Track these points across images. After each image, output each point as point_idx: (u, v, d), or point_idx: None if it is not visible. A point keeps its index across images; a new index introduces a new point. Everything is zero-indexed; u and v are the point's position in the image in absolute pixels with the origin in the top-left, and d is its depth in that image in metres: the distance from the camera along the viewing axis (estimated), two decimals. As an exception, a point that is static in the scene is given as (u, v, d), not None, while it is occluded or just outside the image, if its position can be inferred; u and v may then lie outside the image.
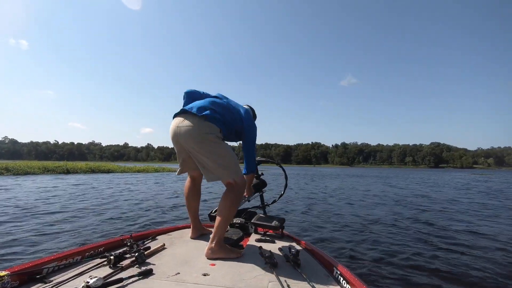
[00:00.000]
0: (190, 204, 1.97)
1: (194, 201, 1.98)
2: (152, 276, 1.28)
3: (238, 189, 1.69)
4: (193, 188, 1.97)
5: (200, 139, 1.60)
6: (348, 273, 1.29)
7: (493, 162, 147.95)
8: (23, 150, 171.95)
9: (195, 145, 1.61)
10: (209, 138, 1.61)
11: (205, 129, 1.60)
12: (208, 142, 1.61)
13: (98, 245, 1.55)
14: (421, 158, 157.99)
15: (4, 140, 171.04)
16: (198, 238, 1.96)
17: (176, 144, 1.74)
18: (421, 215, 5.92)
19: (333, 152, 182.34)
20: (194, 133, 1.59)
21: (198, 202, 2.01)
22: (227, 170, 1.66)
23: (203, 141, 1.60)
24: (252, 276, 1.33)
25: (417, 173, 42.01)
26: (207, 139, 1.60)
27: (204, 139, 1.60)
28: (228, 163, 1.66)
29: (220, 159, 1.64)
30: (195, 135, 1.59)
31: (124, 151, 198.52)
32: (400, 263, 2.99)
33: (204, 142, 1.60)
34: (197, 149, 1.62)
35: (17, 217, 4.62)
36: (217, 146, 1.64)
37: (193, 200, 1.98)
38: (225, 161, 1.65)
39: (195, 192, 1.98)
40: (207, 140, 1.61)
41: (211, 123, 1.62)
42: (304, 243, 1.87)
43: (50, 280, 1.17)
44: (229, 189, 1.70)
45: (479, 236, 4.19)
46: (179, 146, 1.73)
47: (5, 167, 17.08)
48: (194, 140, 1.60)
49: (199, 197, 2.01)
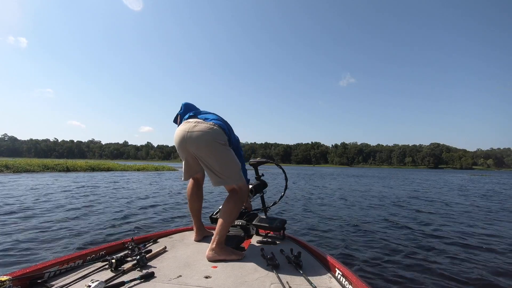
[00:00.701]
0: (193, 206, 1.98)
1: (197, 203, 1.99)
2: (154, 279, 1.27)
3: (241, 194, 1.75)
4: (196, 190, 1.98)
5: (212, 144, 1.65)
6: (350, 274, 1.29)
7: (493, 163, 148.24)
8: (23, 147, 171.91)
9: (206, 149, 1.66)
10: (220, 144, 1.67)
11: (217, 135, 1.66)
12: (219, 148, 1.67)
13: (99, 249, 1.55)
14: (420, 159, 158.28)
15: (4, 137, 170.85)
16: (200, 240, 1.95)
17: (182, 149, 1.75)
18: (421, 216, 5.93)
19: (332, 152, 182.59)
20: (207, 138, 1.64)
21: (201, 204, 2.02)
22: (233, 176, 1.72)
23: (215, 146, 1.66)
24: (254, 277, 1.33)
25: (417, 174, 42.05)
26: (219, 144, 1.66)
27: (216, 144, 1.66)
28: (234, 169, 1.72)
29: (227, 164, 1.70)
30: (208, 140, 1.64)
31: (123, 150, 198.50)
32: (402, 264, 3.01)
33: (215, 147, 1.66)
34: (208, 154, 1.67)
35: (18, 217, 4.62)
36: (226, 152, 1.71)
37: (196, 202, 1.98)
38: (232, 167, 1.72)
39: (198, 194, 1.99)
40: (219, 146, 1.67)
41: (223, 132, 1.70)
42: (305, 244, 1.87)
43: (52, 285, 1.17)
44: (232, 194, 1.75)
45: (480, 237, 4.19)
46: (186, 151, 1.75)
47: (4, 164, 17.09)
48: (206, 145, 1.65)
49: (201, 199, 2.03)
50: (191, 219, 2.01)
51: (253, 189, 2.24)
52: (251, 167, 2.43)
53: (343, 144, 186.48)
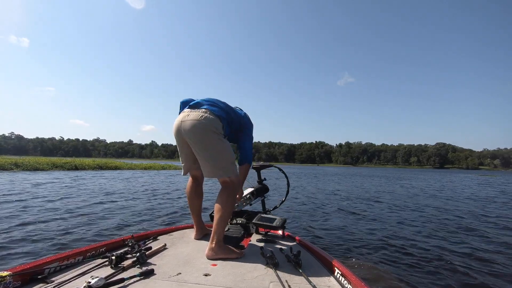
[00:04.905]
0: (193, 204, 1.96)
1: (197, 201, 1.97)
2: (154, 276, 1.28)
3: (233, 187, 1.71)
4: (196, 188, 1.96)
5: (205, 133, 1.61)
6: (349, 273, 1.29)
7: (500, 163, 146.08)
8: (29, 146, 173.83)
9: (199, 138, 1.63)
10: (213, 133, 1.63)
11: (210, 124, 1.62)
12: (212, 137, 1.63)
13: (100, 246, 1.56)
14: (426, 159, 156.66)
15: (11, 135, 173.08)
16: (200, 238, 1.96)
17: (179, 139, 1.74)
18: (424, 216, 5.87)
19: (337, 151, 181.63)
20: (199, 127, 1.61)
21: (201, 202, 2.00)
22: (226, 168, 1.68)
23: (207, 135, 1.62)
24: (254, 276, 1.34)
25: (425, 174, 41.60)
26: (211, 133, 1.63)
27: (208, 133, 1.62)
28: (227, 160, 1.68)
29: (220, 155, 1.66)
30: (200, 128, 1.61)
31: (128, 148, 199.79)
32: (402, 264, 2.99)
33: (208, 136, 1.62)
34: (199, 142, 1.64)
35: (20, 212, 4.68)
36: (220, 142, 1.67)
37: (196, 200, 1.96)
38: (225, 158, 1.67)
39: (197, 192, 1.97)
40: (211, 135, 1.63)
41: (217, 118, 1.65)
42: (305, 243, 1.87)
43: (52, 281, 1.18)
44: (224, 187, 1.71)
45: (484, 239, 4.15)
46: (182, 141, 1.74)
47: (14, 162, 17.38)
48: (198, 133, 1.62)
49: (201, 197, 2.01)
50: (192, 217, 2.00)
51: (255, 192, 2.24)
52: (254, 170, 2.44)
53: (347, 143, 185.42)
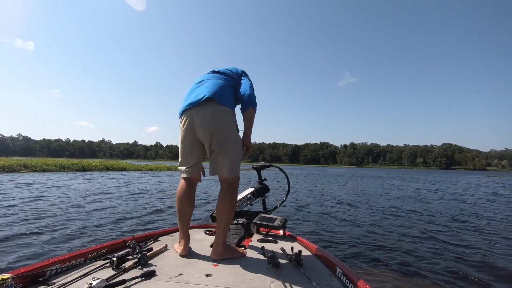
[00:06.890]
0: (183, 212, 1.66)
1: (189, 209, 1.68)
2: (155, 277, 1.28)
3: (233, 187, 1.63)
4: (189, 192, 1.67)
5: (229, 121, 1.59)
6: (351, 273, 1.29)
7: (508, 164, 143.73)
8: (36, 147, 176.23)
9: (225, 126, 1.57)
10: (235, 124, 1.63)
11: (228, 116, 1.59)
12: (235, 128, 1.63)
13: (101, 247, 1.56)
14: (432, 159, 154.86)
15: (18, 137, 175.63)
16: (200, 238, 1.95)
17: (191, 134, 1.60)
18: (427, 216, 5.79)
19: (341, 152, 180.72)
20: (223, 113, 1.57)
21: (192, 211, 1.72)
22: (237, 166, 1.62)
23: (232, 124, 1.60)
24: (255, 276, 1.34)
25: (434, 175, 41.21)
26: (235, 124, 1.63)
27: (232, 123, 1.61)
28: (240, 157, 1.63)
29: (239, 150, 1.63)
30: (225, 115, 1.57)
31: (133, 149, 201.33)
32: (403, 264, 2.97)
33: (232, 126, 1.61)
34: (225, 131, 1.57)
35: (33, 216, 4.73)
36: (239, 137, 1.67)
37: (188, 208, 1.67)
38: (240, 154, 1.64)
39: (191, 198, 1.68)
40: (235, 126, 1.63)
41: (231, 109, 1.63)
42: (306, 243, 1.87)
43: (53, 283, 1.18)
44: (227, 186, 1.62)
45: (490, 241, 4.07)
46: (193, 138, 1.60)
47: (23, 164, 17.65)
48: (225, 120, 1.57)
49: (193, 205, 1.72)
50: (179, 227, 1.69)
51: (255, 192, 2.24)
52: (254, 171, 2.44)
53: (352, 144, 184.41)
